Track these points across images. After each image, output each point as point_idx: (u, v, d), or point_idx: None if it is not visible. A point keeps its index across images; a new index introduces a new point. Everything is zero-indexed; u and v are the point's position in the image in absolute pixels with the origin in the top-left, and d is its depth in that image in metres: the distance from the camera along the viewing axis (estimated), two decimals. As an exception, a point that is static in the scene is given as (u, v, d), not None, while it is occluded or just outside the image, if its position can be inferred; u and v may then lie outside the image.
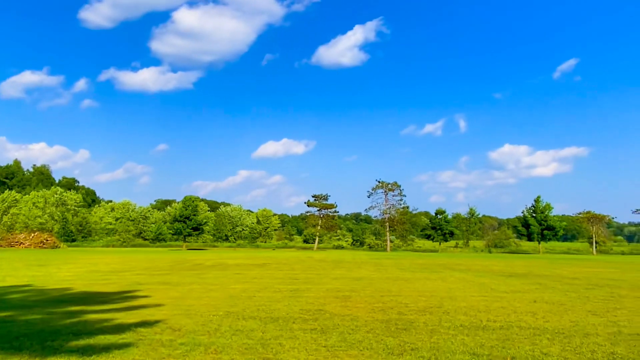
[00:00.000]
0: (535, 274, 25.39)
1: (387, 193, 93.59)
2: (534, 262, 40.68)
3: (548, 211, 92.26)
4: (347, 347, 7.73)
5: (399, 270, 27.36)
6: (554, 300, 13.96)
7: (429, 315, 10.89)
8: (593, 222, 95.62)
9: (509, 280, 21.07)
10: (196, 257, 44.10)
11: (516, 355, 7.18)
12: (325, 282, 19.22)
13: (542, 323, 9.98)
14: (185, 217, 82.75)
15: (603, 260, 51.12)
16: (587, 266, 34.94)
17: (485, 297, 14.43)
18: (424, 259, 44.60)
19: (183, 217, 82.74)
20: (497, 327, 9.42)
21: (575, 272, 27.59)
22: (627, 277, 23.94)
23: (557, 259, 53.79)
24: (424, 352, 7.34)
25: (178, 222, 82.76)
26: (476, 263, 37.52)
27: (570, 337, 8.52)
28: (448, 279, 21.37)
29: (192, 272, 24.20)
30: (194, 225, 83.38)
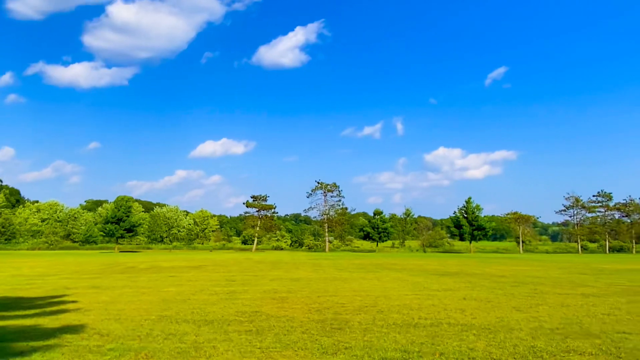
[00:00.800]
0: (466, 272, 26.40)
1: (326, 194, 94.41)
2: (465, 261, 42.29)
3: (478, 212, 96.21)
4: (282, 348, 7.74)
5: (337, 270, 27.65)
6: (482, 297, 14.59)
7: (363, 314, 11.09)
8: (520, 222, 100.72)
9: (441, 278, 21.80)
10: (129, 259, 42.61)
11: (444, 351, 7.45)
12: (263, 283, 19.13)
13: (470, 319, 10.41)
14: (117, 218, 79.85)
15: (529, 258, 53.90)
16: (514, 264, 36.71)
17: (418, 296, 14.86)
18: (361, 259, 45.30)
19: (115, 219, 79.80)
20: (427, 325, 9.74)
21: (503, 270, 28.93)
22: (550, 274, 25.36)
23: (487, 257, 56.19)
24: (357, 351, 7.47)
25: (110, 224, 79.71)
26: (411, 262, 38.54)
27: (495, 333, 8.94)
28: (384, 278, 21.82)
29: (124, 275, 23.38)
30: (127, 226, 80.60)
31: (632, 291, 16.55)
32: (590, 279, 22.25)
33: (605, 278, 22.58)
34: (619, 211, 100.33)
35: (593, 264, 37.72)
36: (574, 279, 22.11)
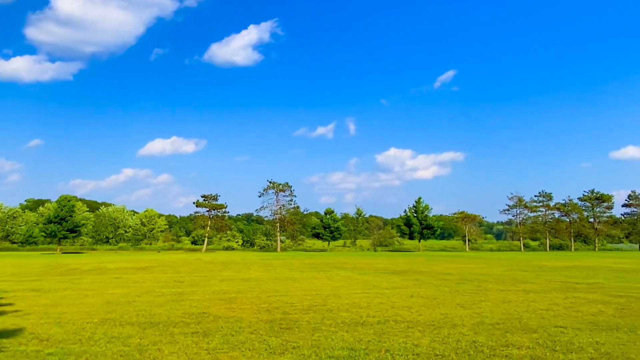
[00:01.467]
0: (414, 270, 26.97)
1: (278, 193, 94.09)
2: (414, 260, 43.19)
3: (427, 211, 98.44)
4: (229, 348, 7.67)
5: (288, 270, 27.63)
6: (428, 294, 14.94)
7: (313, 313, 11.14)
8: (466, 222, 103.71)
9: (390, 277, 22.17)
10: (72, 261, 41.06)
11: (390, 348, 7.58)
12: (212, 284, 18.88)
13: (416, 316, 10.64)
14: (60, 218, 76.72)
15: (474, 256, 55.60)
16: (460, 262, 37.78)
17: (368, 294, 15.06)
18: (312, 259, 45.45)
19: (58, 218, 76.64)
20: (375, 322, 9.89)
21: (449, 268, 29.73)
22: (493, 271, 26.26)
23: (435, 256, 57.55)
24: (305, 350, 7.50)
25: (52, 224, 76.48)
26: (362, 261, 39.00)
27: (440, 329, 9.18)
28: (334, 277, 21.98)
29: (67, 277, 22.52)
30: (70, 227, 77.58)
31: (569, 287, 17.36)
32: (531, 275, 23.20)
33: (545, 275, 23.59)
34: (559, 211, 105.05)
35: (534, 262, 39.33)
36: (515, 275, 22.98)
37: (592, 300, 13.58)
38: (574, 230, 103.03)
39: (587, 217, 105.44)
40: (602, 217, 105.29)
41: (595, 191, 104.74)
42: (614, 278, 21.51)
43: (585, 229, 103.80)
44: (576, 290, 16.12)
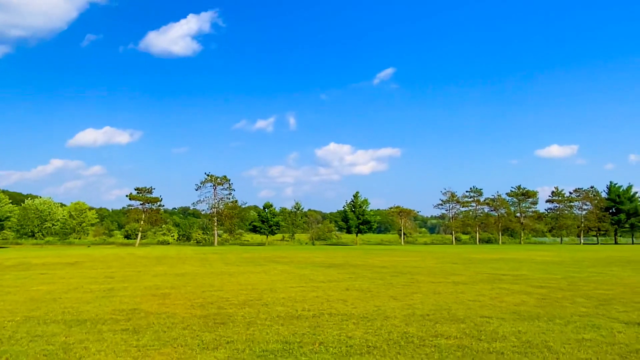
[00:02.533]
0: (351, 264, 27.39)
1: (216, 187, 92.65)
2: (351, 253, 43.86)
3: (365, 206, 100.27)
4: (161, 345, 7.49)
5: (224, 264, 27.31)
6: (363, 287, 15.23)
7: (248, 308, 11.07)
8: (402, 216, 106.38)
9: (327, 270, 22.40)
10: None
11: (324, 341, 7.67)
12: (145, 279, 18.35)
13: (351, 309, 10.82)
14: (-20, 211, 71.95)
15: (409, 249, 57.19)
16: (395, 255, 38.74)
17: (304, 288, 15.15)
18: (250, 253, 45.15)
19: (-23, 211, 71.84)
20: (310, 316, 9.97)
21: (385, 261, 30.42)
22: (426, 264, 27.12)
23: (371, 249, 58.71)
24: (239, 345, 7.45)
25: (-29, 217, 71.62)
26: (299, 255, 39.15)
27: (373, 321, 9.38)
28: (271, 271, 21.95)
29: (-14, 273, 21.16)
30: (-9, 220, 72.95)
31: (495, 279, 18.21)
32: (461, 268, 24.15)
33: (474, 267, 24.62)
34: (488, 206, 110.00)
35: (464, 254, 40.96)
36: (446, 268, 23.85)
37: (516, 291, 14.31)
38: (501, 224, 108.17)
39: (514, 212, 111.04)
40: (527, 212, 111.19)
41: (521, 187, 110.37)
42: (537, 270, 22.77)
43: (512, 223, 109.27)
44: (502, 282, 16.94)
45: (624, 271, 21.92)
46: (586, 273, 20.83)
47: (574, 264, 27.04)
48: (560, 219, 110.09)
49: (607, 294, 13.61)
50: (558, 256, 37.68)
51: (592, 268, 23.89)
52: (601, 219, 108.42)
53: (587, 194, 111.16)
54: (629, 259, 32.78)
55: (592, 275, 19.54)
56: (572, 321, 9.33)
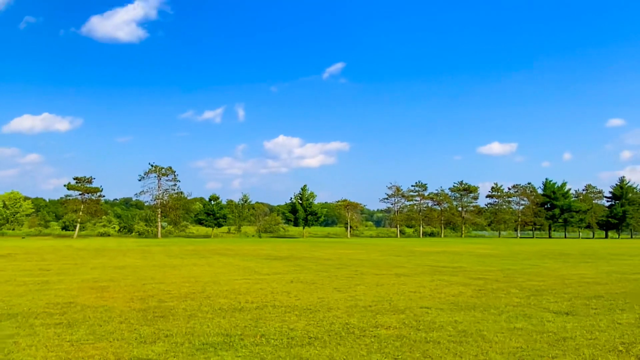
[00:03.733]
0: (297, 256, 27.46)
1: (160, 178, 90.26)
2: (297, 246, 43.97)
3: (313, 199, 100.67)
4: (96, 339, 7.24)
5: (167, 257, 26.74)
6: (307, 279, 15.30)
7: (190, 300, 10.88)
8: (349, 209, 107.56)
9: (272, 263, 22.36)
10: None
11: (266, 333, 7.65)
12: (82, 272, 17.70)
13: (294, 301, 10.84)
14: None
15: (354, 242, 57.95)
16: (340, 248, 39.16)
17: (248, 280, 15.05)
18: (194, 245, 44.43)
19: None
20: (253, 308, 9.91)
21: (330, 253, 30.69)
22: (370, 257, 27.56)
23: (318, 242, 59.07)
24: (178, 338, 7.31)
25: None
26: (245, 248, 38.89)
27: (316, 312, 9.44)
28: (215, 264, 21.68)
29: None
30: None
31: (436, 271, 18.74)
32: (404, 260, 24.71)
33: (416, 259, 25.25)
34: (432, 200, 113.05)
35: (408, 247, 41.94)
36: (390, 260, 24.33)
37: (455, 282, 14.78)
38: (444, 218, 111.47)
39: (456, 207, 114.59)
40: (468, 207, 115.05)
41: (463, 183, 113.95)
42: (475, 262, 23.60)
43: (454, 217, 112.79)
44: (442, 274, 17.45)
45: (556, 264, 23.08)
46: (521, 265, 21.78)
47: (510, 257, 28.23)
48: (499, 214, 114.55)
49: (539, 285, 14.27)
50: (496, 249, 39.23)
51: (527, 261, 25.02)
52: (537, 214, 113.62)
53: (524, 190, 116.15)
54: (561, 252, 34.55)
55: (527, 268, 20.45)
56: (506, 311, 9.73)
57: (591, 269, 19.81)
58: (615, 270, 19.51)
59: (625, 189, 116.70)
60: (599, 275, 17.40)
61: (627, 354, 6.56)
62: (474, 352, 6.60)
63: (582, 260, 25.32)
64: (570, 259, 26.36)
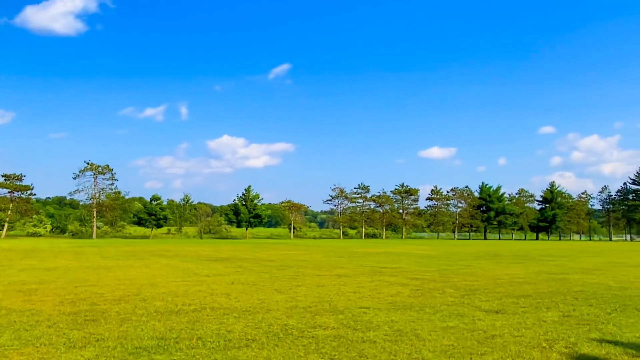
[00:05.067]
0: (238, 257, 27.18)
1: (96, 176, 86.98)
2: (240, 247, 43.54)
3: (256, 200, 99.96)
4: (21, 345, 6.88)
5: (102, 258, 25.78)
6: (249, 281, 15.17)
7: (124, 303, 10.54)
8: (293, 211, 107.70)
9: (213, 264, 22.02)
10: None
11: (203, 335, 7.52)
12: (10, 274, 16.78)
13: (234, 303, 10.73)
14: None
15: (298, 243, 58.01)
16: (283, 249, 39.11)
17: (187, 282, 14.76)
18: (132, 246, 43.08)
19: None
20: (191, 310, 9.72)
21: (273, 255, 30.59)
22: (313, 257, 27.69)
23: (260, 243, 58.74)
24: (110, 342, 7.06)
25: None
26: (186, 249, 38.10)
27: (255, 314, 9.38)
28: (153, 265, 21.12)
29: None
30: None
31: (376, 271, 19.07)
32: (345, 261, 24.99)
33: (357, 260, 25.60)
34: (374, 202, 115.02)
35: (350, 248, 42.46)
36: (332, 261, 24.54)
37: (394, 282, 15.10)
38: (386, 220, 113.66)
39: (398, 209, 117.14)
40: (409, 209, 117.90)
41: (405, 185, 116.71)
42: (414, 263, 24.20)
43: (395, 219, 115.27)
44: (381, 274, 17.78)
45: (490, 264, 24.05)
46: (457, 266, 22.53)
47: (447, 258, 29.15)
48: (438, 216, 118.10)
49: (473, 284, 14.82)
50: (434, 250, 40.40)
51: (463, 261, 25.91)
52: (473, 216, 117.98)
53: (461, 193, 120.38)
54: (495, 253, 36.03)
55: (462, 268, 21.18)
56: (440, 310, 10.04)
57: (522, 269, 20.77)
58: (544, 270, 20.55)
59: (555, 193, 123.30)
60: (529, 275, 18.27)
61: (550, 350, 6.92)
62: (408, 350, 6.77)
63: (513, 261, 26.51)
64: (503, 260, 27.53)
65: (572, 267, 22.62)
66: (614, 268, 22.03)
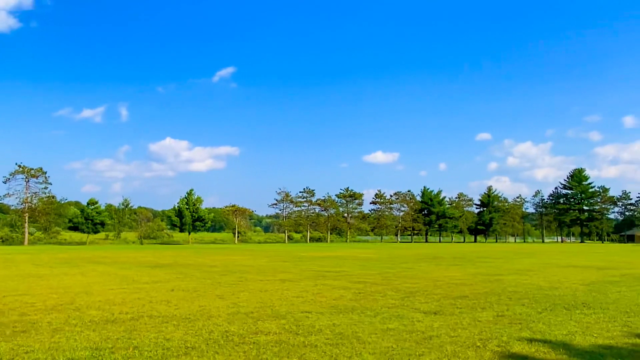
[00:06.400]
0: (180, 263, 26.58)
1: (28, 179, 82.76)
2: (182, 252, 42.59)
3: (199, 204, 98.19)
4: (-61, 361, 6.45)
5: (34, 266, 24.53)
6: (190, 287, 14.88)
7: (56, 313, 10.08)
8: (237, 215, 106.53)
9: (153, 271, 21.43)
10: None
11: (140, 344, 7.31)
12: None
13: (174, 310, 10.49)
14: None
15: (242, 248, 57.41)
16: (227, 254, 38.58)
17: (125, 290, 14.29)
18: (67, 253, 41.25)
19: None
20: (128, 319, 9.42)
21: (216, 260, 30.12)
22: (257, 263, 27.47)
23: (204, 248, 57.69)
24: (40, 354, 6.73)
25: None
26: (124, 255, 36.87)
27: (195, 321, 9.21)
28: (89, 273, 20.31)
29: None
30: None
31: (319, 275, 19.17)
32: (290, 265, 24.97)
33: (302, 265, 25.63)
34: (319, 206, 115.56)
35: (294, 252, 42.45)
36: (276, 266, 24.44)
37: (337, 286, 15.23)
38: (331, 223, 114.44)
39: (342, 213, 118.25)
40: (353, 213, 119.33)
41: (349, 189, 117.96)
42: (357, 266, 24.51)
43: (340, 222, 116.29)
44: (325, 278, 17.89)
45: (430, 266, 24.71)
46: (398, 268, 23.01)
47: (389, 261, 29.71)
48: (381, 219, 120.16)
49: (413, 287, 15.18)
50: (377, 253, 41.07)
51: (404, 264, 26.49)
52: (415, 220, 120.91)
53: (404, 197, 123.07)
54: (435, 256, 37.05)
55: (403, 271, 21.65)
56: (381, 312, 10.23)
57: (459, 271, 21.48)
58: (480, 272, 21.34)
59: (492, 197, 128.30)
60: (466, 276, 18.92)
61: (484, 348, 7.19)
62: (349, 353, 6.85)
63: (452, 263, 27.36)
64: (442, 262, 28.36)
65: (507, 268, 23.61)
66: (546, 269, 23.18)
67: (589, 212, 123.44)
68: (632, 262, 30.04)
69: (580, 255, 40.26)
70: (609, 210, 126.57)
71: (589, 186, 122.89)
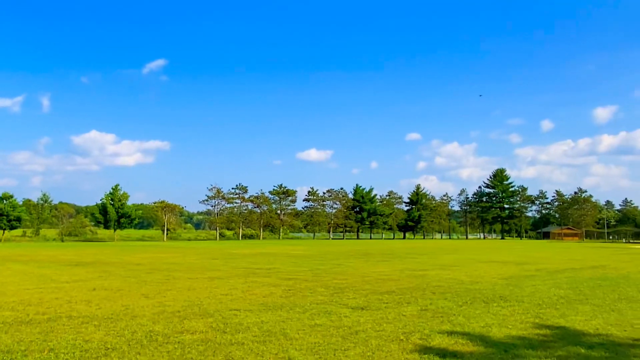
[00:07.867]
0: (103, 261, 25.52)
1: None
2: (105, 250, 40.91)
3: (125, 200, 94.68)
4: None
5: (-60, 265, 22.72)
6: (113, 286, 14.32)
7: (-37, 316, 9.39)
8: (166, 211, 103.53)
9: (74, 269, 20.46)
10: None
11: (56, 347, 6.96)
12: None
13: (94, 310, 10.06)
14: None
15: (171, 246, 55.94)
16: (154, 252, 37.46)
17: (42, 289, 13.55)
18: (-22, 251, 38.50)
19: None
20: (44, 320, 8.94)
21: (142, 258, 29.17)
22: (186, 260, 26.87)
23: (130, 246, 55.70)
24: (-58, 361, 6.26)
25: None
26: (43, 253, 34.93)
27: (118, 321, 8.88)
28: (3, 272, 19.10)
29: None
30: None
31: (250, 272, 19.03)
32: (220, 263, 24.62)
33: (233, 262, 25.35)
34: (252, 203, 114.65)
35: (226, 250, 41.90)
36: (206, 264, 24.02)
37: (267, 283, 15.19)
38: (264, 220, 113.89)
39: (275, 209, 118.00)
40: (287, 210, 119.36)
41: (283, 186, 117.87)
42: (288, 263, 24.56)
43: (273, 219, 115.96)
44: (255, 275, 17.80)
45: (359, 263, 25.19)
46: (329, 265, 23.28)
47: (320, 257, 30.00)
48: (314, 216, 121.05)
49: (342, 283, 15.42)
50: (309, 250, 41.35)
51: (335, 260, 26.84)
52: (348, 217, 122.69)
53: (337, 195, 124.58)
54: (365, 252, 37.81)
55: (334, 267, 21.93)
56: (310, 309, 10.32)
57: (387, 267, 22.05)
58: (407, 267, 22.01)
59: (420, 195, 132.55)
60: (393, 272, 19.45)
61: (407, 341, 7.44)
62: (275, 350, 6.86)
63: (381, 259, 28.04)
64: (371, 258, 29.00)
65: (432, 263, 24.51)
66: (468, 264, 24.27)
67: (510, 210, 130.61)
68: (546, 257, 32.07)
69: (501, 251, 42.50)
70: (527, 208, 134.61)
71: (509, 186, 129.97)
